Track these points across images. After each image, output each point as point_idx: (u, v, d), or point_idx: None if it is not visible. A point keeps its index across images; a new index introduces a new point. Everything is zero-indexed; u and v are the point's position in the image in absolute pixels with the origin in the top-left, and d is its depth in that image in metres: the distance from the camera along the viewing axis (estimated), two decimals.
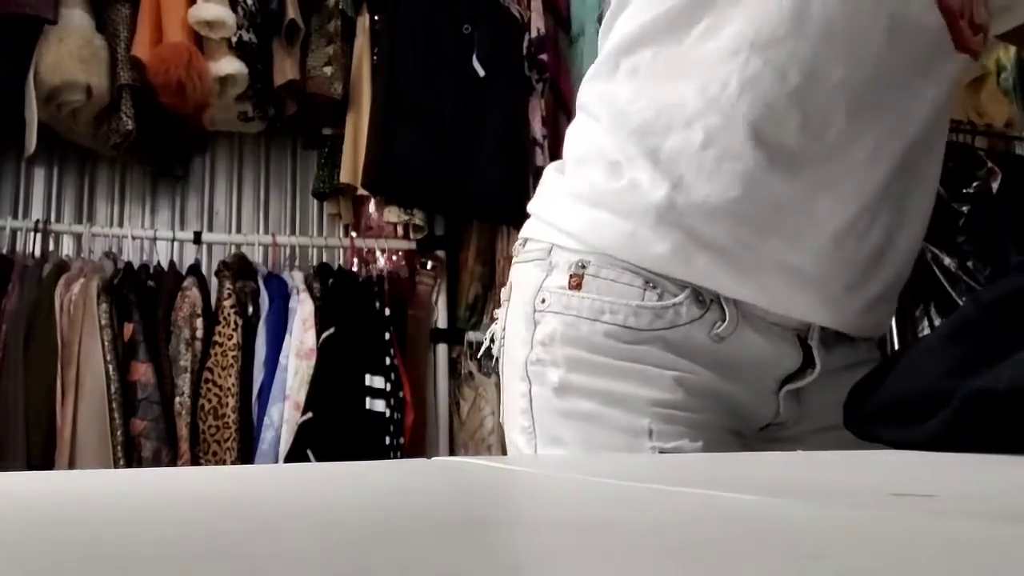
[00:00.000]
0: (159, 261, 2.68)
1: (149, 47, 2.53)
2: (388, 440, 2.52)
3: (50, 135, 2.64)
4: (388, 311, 2.65)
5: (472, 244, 2.90)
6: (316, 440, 2.43)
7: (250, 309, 2.57)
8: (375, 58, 2.79)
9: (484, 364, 2.78)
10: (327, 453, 2.39)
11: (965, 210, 2.57)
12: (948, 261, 2.52)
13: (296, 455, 2.40)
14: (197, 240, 2.75)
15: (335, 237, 2.97)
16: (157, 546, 0.26)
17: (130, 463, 2.35)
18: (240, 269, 2.62)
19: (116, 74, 2.56)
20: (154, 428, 2.38)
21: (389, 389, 2.55)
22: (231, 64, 2.61)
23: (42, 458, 2.27)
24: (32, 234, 2.61)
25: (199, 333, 2.49)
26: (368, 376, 2.54)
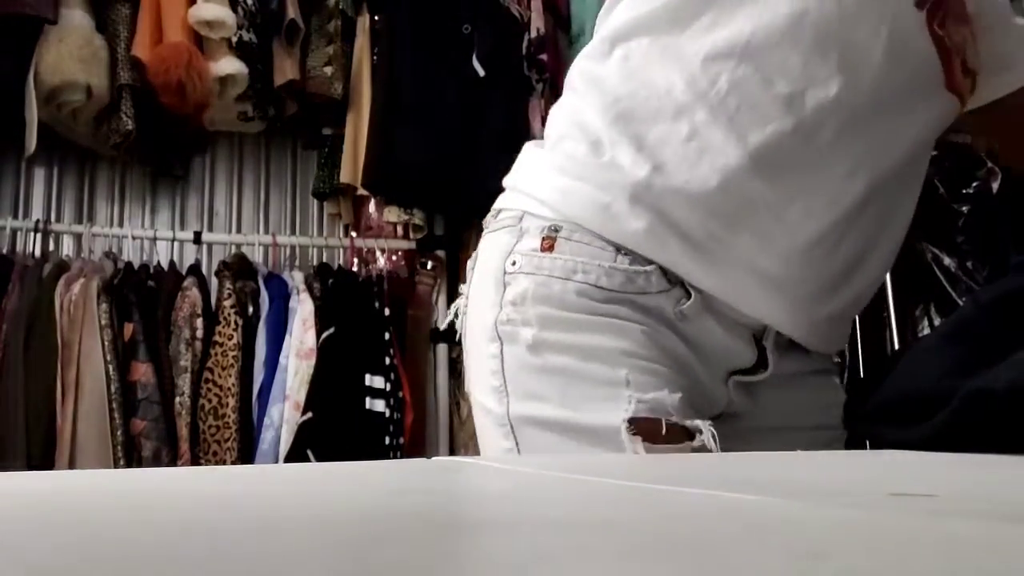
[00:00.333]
0: (159, 261, 2.68)
1: (149, 47, 2.53)
2: (388, 440, 2.52)
3: (50, 135, 2.64)
4: (388, 311, 2.65)
5: (472, 244, 2.88)
6: (316, 440, 2.43)
7: (250, 309, 2.57)
8: (375, 58, 2.79)
9: None
10: (327, 453, 2.39)
11: (965, 210, 2.57)
12: (948, 261, 2.52)
13: (296, 455, 2.40)
14: (197, 240, 2.75)
15: (335, 237, 2.97)
16: (157, 546, 0.26)
17: (130, 463, 2.35)
18: (240, 269, 2.61)
19: (116, 74, 2.56)
20: (154, 428, 2.38)
21: (389, 389, 2.55)
22: (231, 64, 2.61)
23: (42, 458, 2.27)
24: (32, 234, 2.61)
25: (199, 333, 2.49)
26: (368, 376, 2.54)
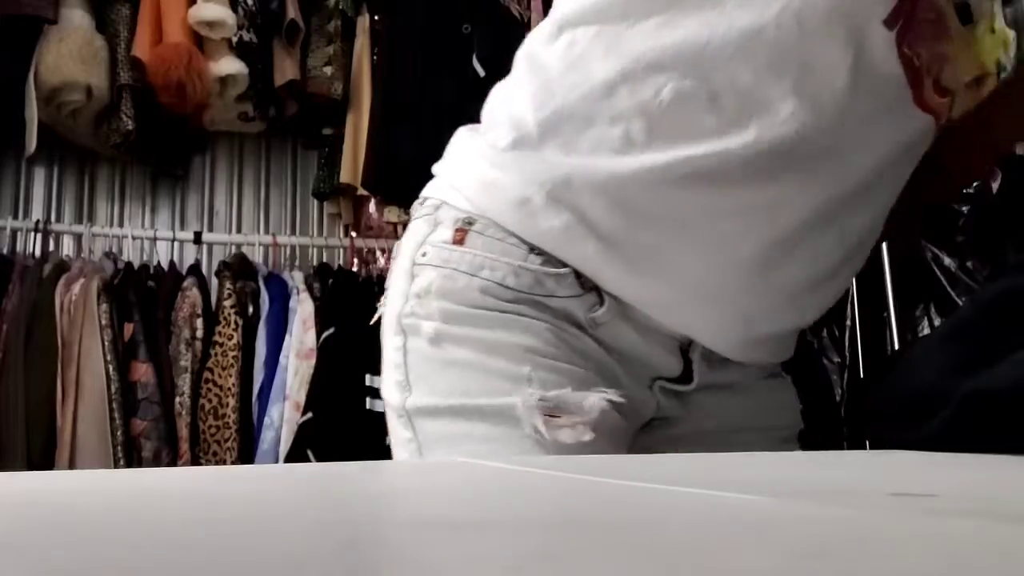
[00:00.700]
0: (159, 261, 2.68)
1: (149, 47, 2.53)
2: (388, 440, 2.52)
3: (50, 135, 2.64)
4: None
5: None
6: (316, 440, 2.43)
7: (250, 309, 2.57)
8: (375, 58, 2.79)
9: None
10: (327, 453, 2.38)
11: (965, 210, 2.57)
12: (948, 261, 2.52)
13: (296, 455, 2.40)
14: (197, 240, 2.75)
15: (335, 237, 2.96)
16: (157, 546, 0.26)
17: (130, 463, 2.35)
18: (240, 269, 2.61)
19: (116, 74, 2.56)
20: (154, 428, 2.38)
21: None
22: (231, 64, 2.61)
23: (42, 458, 2.27)
24: (32, 234, 2.61)
25: (199, 333, 2.49)
26: (368, 376, 2.53)
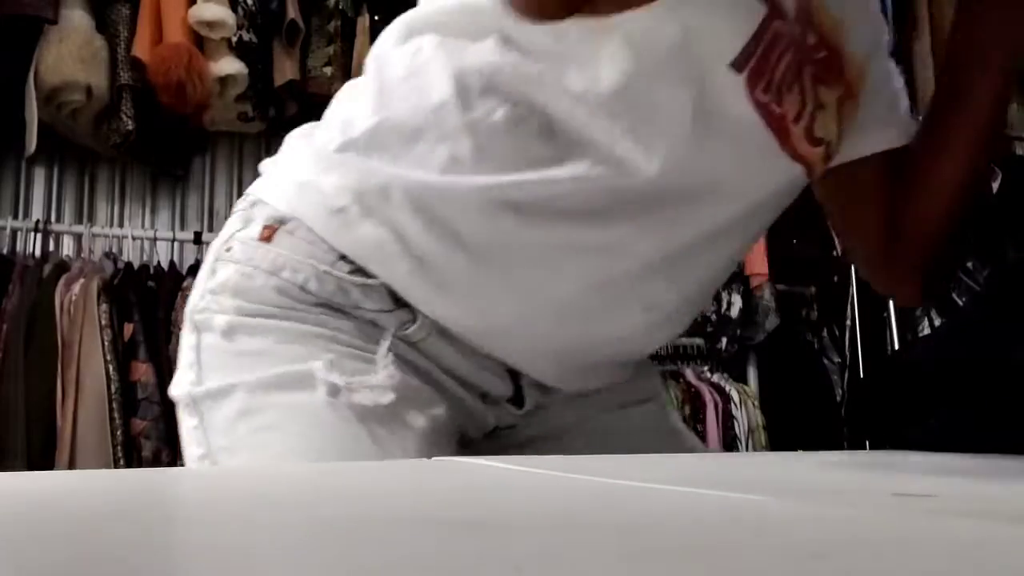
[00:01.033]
0: (159, 261, 2.68)
1: (149, 47, 2.53)
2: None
3: (50, 135, 2.64)
4: None
5: None
6: None
7: None
8: None
9: None
10: None
11: None
12: None
13: None
14: (197, 240, 2.74)
15: None
16: (157, 546, 0.26)
17: (130, 463, 2.35)
18: None
19: (116, 74, 2.57)
20: (154, 428, 2.38)
21: None
22: (231, 64, 2.61)
23: (42, 458, 2.27)
24: (32, 234, 2.61)
25: None
26: None
